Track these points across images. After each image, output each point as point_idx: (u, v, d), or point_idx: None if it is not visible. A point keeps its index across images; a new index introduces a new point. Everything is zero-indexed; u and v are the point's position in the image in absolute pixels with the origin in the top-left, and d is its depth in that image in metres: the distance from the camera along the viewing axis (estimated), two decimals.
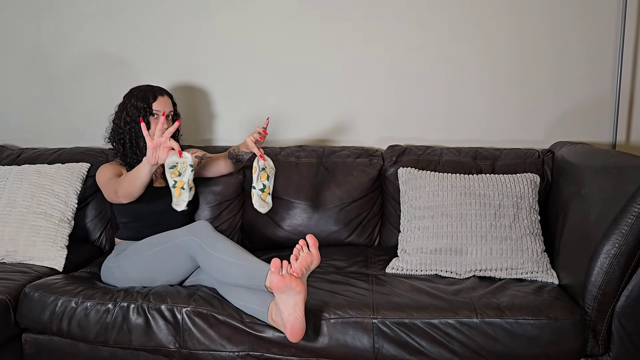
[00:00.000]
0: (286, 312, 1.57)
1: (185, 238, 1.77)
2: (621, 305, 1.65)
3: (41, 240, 2.08)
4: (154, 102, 1.99)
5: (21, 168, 2.24)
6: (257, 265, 1.66)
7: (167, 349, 1.73)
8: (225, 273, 1.71)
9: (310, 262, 1.61)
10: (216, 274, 1.72)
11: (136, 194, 1.85)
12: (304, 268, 1.58)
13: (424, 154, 2.28)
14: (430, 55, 2.41)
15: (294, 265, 1.58)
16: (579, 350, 1.67)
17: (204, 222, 1.81)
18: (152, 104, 1.99)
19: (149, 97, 1.99)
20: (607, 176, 1.78)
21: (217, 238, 1.75)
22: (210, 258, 1.71)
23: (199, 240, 1.74)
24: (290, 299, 1.56)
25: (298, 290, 1.55)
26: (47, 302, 1.78)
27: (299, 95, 2.47)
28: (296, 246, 1.62)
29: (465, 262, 1.93)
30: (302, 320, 1.57)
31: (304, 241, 1.63)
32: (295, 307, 1.56)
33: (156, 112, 1.99)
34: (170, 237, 1.82)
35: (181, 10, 2.44)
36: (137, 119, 1.97)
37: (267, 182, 1.85)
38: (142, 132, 1.96)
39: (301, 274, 1.57)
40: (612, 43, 2.35)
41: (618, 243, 1.62)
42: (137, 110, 1.98)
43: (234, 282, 1.71)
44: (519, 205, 1.99)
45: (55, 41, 2.51)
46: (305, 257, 1.59)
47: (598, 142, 2.41)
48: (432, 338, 1.66)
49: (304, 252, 1.61)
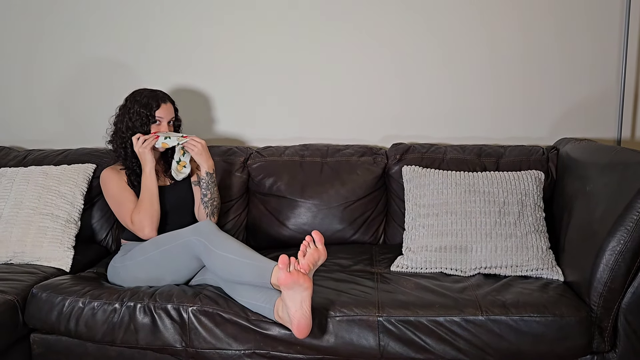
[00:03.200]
0: (293, 308, 1.57)
1: (190, 238, 1.78)
2: (627, 302, 1.65)
3: (48, 241, 2.09)
4: (157, 109, 2.01)
5: (28, 169, 2.26)
6: (262, 263, 1.67)
7: (174, 348, 1.74)
8: (230, 271, 1.71)
9: (318, 258, 1.61)
10: (221, 272, 1.73)
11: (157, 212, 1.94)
12: (312, 264, 1.59)
13: (428, 152, 2.27)
14: (434, 52, 2.41)
15: (301, 261, 1.59)
16: (585, 347, 1.67)
17: (209, 222, 1.83)
18: (155, 112, 2.00)
19: (152, 104, 2.00)
20: (612, 173, 1.78)
21: (221, 237, 1.76)
22: (215, 256, 1.72)
23: (203, 239, 1.75)
24: (297, 295, 1.57)
25: (305, 287, 1.56)
26: (54, 302, 1.79)
27: (303, 94, 2.48)
28: (303, 242, 1.62)
29: (470, 259, 1.93)
30: (308, 316, 1.58)
31: (310, 237, 1.63)
32: (302, 304, 1.57)
33: (158, 119, 2.01)
34: (175, 237, 1.83)
35: (182, 14, 2.45)
36: (139, 127, 1.98)
37: (183, 157, 2.03)
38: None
39: (308, 270, 1.58)
40: (617, 39, 2.34)
41: (623, 239, 1.61)
42: (139, 117, 1.98)
43: (239, 280, 1.72)
44: (523, 203, 1.98)
45: (59, 43, 2.51)
46: (312, 253, 1.60)
47: (603, 138, 2.41)
48: (438, 336, 1.67)
49: (311, 248, 1.61)
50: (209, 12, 2.44)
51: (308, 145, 2.39)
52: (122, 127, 2.02)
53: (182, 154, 2.02)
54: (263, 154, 2.37)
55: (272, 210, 2.29)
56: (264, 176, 2.31)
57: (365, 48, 2.42)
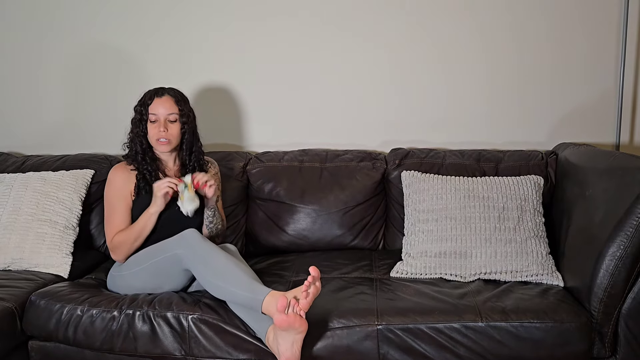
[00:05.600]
0: (283, 346, 1.57)
1: (176, 251, 1.74)
2: (627, 307, 1.65)
3: (46, 248, 2.08)
4: (151, 104, 1.90)
5: (26, 175, 2.25)
6: (252, 294, 1.61)
7: (173, 356, 1.73)
8: (221, 296, 1.71)
9: (316, 294, 1.60)
10: (213, 294, 1.72)
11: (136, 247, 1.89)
12: (311, 302, 1.58)
13: (427, 157, 2.27)
14: (433, 58, 2.41)
15: (302, 302, 1.55)
16: (586, 352, 1.67)
17: (193, 231, 1.76)
18: (148, 107, 1.90)
19: (146, 101, 1.92)
20: (612, 177, 1.78)
21: (207, 252, 1.70)
22: (204, 281, 1.70)
23: (190, 254, 1.72)
24: (290, 336, 1.56)
25: (300, 330, 1.55)
26: (53, 309, 1.78)
27: (302, 100, 2.47)
28: (305, 282, 1.57)
29: (470, 265, 1.93)
30: (297, 356, 1.58)
31: (312, 277, 1.58)
32: (293, 345, 1.57)
33: (153, 116, 1.90)
34: (163, 250, 1.79)
35: (188, 19, 2.45)
36: (140, 126, 1.93)
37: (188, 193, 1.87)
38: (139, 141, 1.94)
39: (307, 309, 1.56)
40: (614, 43, 2.34)
41: (623, 245, 1.61)
42: (135, 117, 1.95)
43: (230, 301, 1.71)
44: (523, 208, 1.98)
45: (58, 48, 2.51)
46: (312, 292, 1.58)
47: (601, 143, 2.41)
48: (438, 343, 1.66)
49: (311, 288, 1.57)
50: (209, 22, 2.43)
51: (307, 151, 2.39)
52: (131, 134, 1.97)
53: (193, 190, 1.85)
54: (262, 159, 2.36)
55: (271, 215, 2.28)
56: (263, 181, 2.30)
57: (364, 54, 2.42)
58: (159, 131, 1.91)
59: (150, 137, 1.94)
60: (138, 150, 1.95)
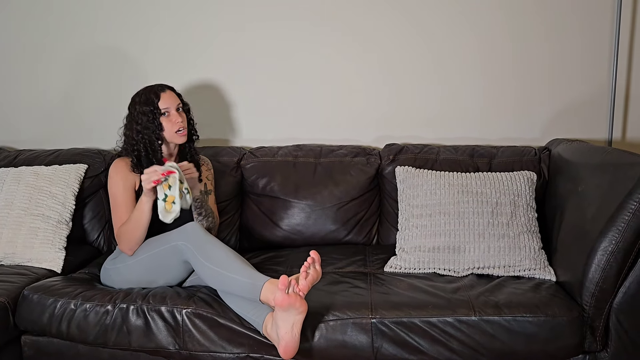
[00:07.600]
0: (284, 329, 1.57)
1: (177, 243, 1.76)
2: (618, 302, 1.66)
3: (39, 242, 2.07)
4: (159, 101, 1.92)
5: (18, 170, 2.24)
6: (252, 280, 1.64)
7: (167, 350, 1.73)
8: (218, 284, 1.71)
9: (316, 279, 1.61)
10: (210, 283, 1.73)
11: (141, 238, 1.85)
12: (311, 286, 1.59)
13: (421, 153, 2.28)
14: (426, 53, 2.41)
15: (301, 283, 1.57)
16: (577, 346, 1.68)
17: (195, 224, 1.79)
18: (157, 104, 1.92)
19: (152, 98, 1.92)
20: (604, 173, 1.79)
21: (208, 243, 1.73)
22: (203, 268, 1.71)
23: (190, 245, 1.73)
24: (290, 317, 1.57)
25: (300, 311, 1.56)
26: (46, 304, 1.78)
27: (296, 95, 2.47)
28: (305, 264, 1.59)
29: (463, 260, 1.94)
30: (297, 339, 1.58)
31: (312, 258, 1.61)
32: (293, 327, 1.57)
33: (165, 110, 1.92)
34: (163, 241, 1.80)
35: (177, 17, 2.44)
36: (149, 125, 1.91)
37: (169, 192, 1.78)
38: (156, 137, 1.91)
39: (307, 291, 1.57)
40: (608, 39, 2.36)
41: (615, 240, 1.63)
42: (145, 116, 1.91)
43: (228, 291, 1.72)
44: (516, 203, 1.99)
45: (52, 47, 2.50)
46: (313, 275, 1.59)
47: (594, 139, 2.42)
48: (431, 336, 1.67)
49: (311, 270, 1.59)
50: (203, 17, 2.42)
51: (301, 146, 2.39)
52: (132, 134, 1.93)
53: (168, 187, 1.77)
54: (256, 154, 2.36)
55: (265, 210, 2.28)
56: (257, 177, 2.30)
57: (358, 49, 2.42)
58: (177, 122, 1.93)
59: (167, 131, 1.93)
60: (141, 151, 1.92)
